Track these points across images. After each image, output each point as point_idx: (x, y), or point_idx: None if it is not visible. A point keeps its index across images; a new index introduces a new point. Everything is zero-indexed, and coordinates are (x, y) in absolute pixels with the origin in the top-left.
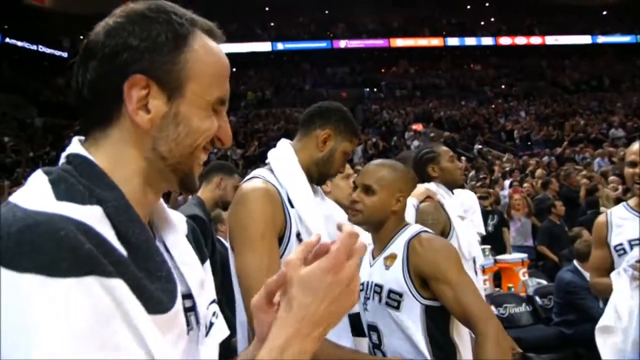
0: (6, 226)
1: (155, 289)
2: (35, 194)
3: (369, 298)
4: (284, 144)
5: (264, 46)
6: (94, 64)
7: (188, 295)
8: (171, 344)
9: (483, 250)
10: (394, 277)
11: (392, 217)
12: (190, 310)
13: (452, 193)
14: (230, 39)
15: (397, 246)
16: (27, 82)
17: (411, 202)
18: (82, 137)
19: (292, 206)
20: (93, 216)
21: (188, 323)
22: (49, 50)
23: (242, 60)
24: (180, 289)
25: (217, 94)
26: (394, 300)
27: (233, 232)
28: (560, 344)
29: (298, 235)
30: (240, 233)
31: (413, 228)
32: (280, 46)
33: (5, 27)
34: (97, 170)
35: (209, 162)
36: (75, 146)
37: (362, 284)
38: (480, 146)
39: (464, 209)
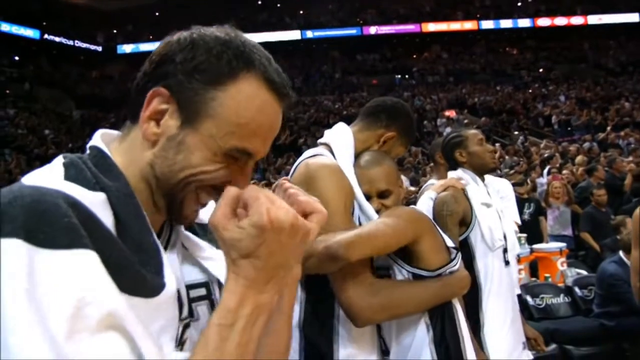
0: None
1: (146, 271)
2: (44, 172)
3: None
4: (345, 130)
5: (293, 34)
6: (147, 64)
7: (201, 284)
8: (147, 331)
9: (518, 239)
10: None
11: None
12: (201, 299)
13: (483, 178)
14: (260, 28)
15: None
16: (64, 77)
17: (429, 195)
18: (107, 131)
19: None
20: (92, 200)
21: (192, 314)
22: (84, 45)
23: (272, 49)
24: (173, 286)
25: (235, 144)
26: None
27: None
28: (602, 336)
29: (358, 220)
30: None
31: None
32: (309, 34)
33: (44, 23)
34: (108, 162)
35: None
36: (96, 139)
37: None
38: (517, 132)
39: (500, 196)
